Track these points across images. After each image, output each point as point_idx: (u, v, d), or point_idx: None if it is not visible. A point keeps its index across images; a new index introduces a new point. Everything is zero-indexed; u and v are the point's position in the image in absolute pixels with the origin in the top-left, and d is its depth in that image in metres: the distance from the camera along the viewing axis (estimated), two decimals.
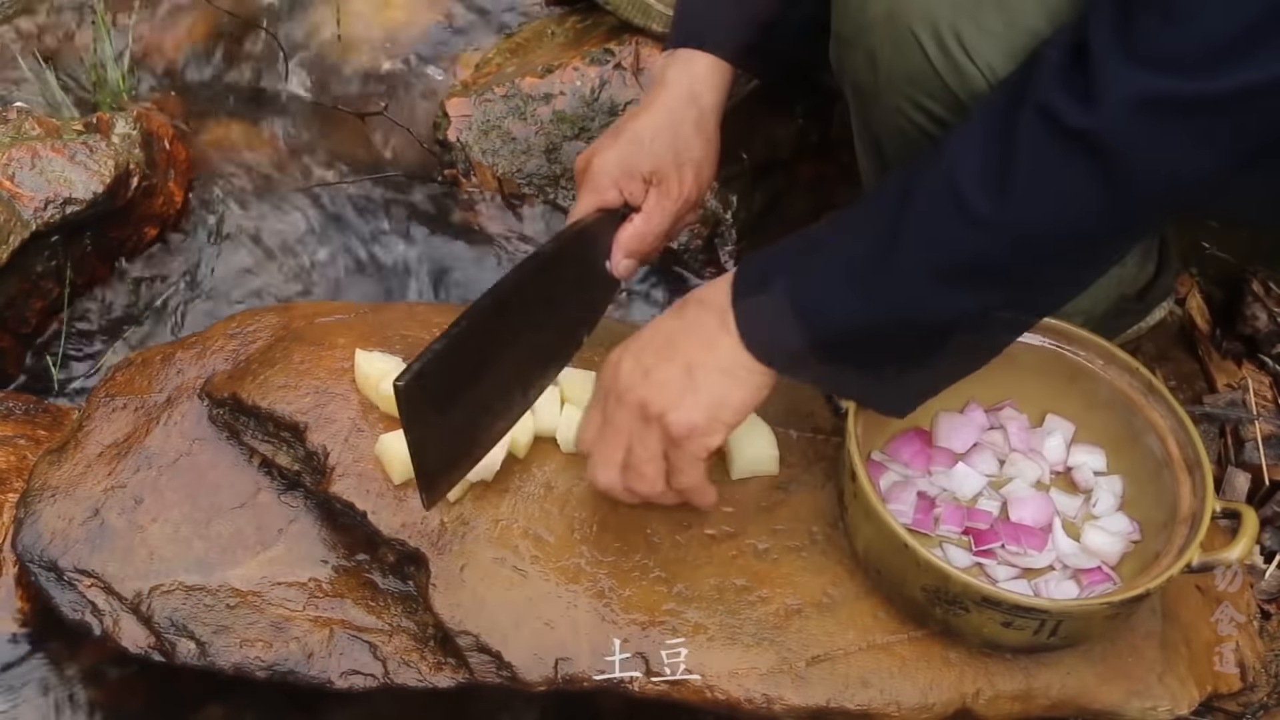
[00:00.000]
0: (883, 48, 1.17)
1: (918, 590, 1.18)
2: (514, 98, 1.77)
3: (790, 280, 1.10)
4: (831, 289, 1.08)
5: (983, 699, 1.21)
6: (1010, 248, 1.04)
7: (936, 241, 1.04)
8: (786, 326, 1.10)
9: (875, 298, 1.07)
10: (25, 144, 1.62)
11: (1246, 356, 1.68)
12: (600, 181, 1.31)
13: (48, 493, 1.34)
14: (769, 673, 1.20)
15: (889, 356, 1.12)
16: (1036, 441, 1.33)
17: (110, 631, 1.28)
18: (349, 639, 1.26)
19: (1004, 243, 1.04)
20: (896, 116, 1.20)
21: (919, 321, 1.08)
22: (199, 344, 1.46)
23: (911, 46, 1.14)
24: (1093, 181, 1.00)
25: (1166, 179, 1.01)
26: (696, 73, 1.34)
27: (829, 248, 1.10)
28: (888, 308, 1.07)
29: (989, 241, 1.03)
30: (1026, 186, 1.01)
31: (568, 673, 1.20)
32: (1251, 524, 1.18)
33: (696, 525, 1.28)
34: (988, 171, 1.02)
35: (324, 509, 1.32)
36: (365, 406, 1.33)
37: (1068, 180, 1.00)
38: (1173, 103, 0.96)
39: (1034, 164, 1.00)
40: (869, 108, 1.24)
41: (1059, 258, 1.07)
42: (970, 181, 1.02)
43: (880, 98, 1.20)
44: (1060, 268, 1.09)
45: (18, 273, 1.59)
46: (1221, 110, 0.97)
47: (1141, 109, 0.96)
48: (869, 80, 1.20)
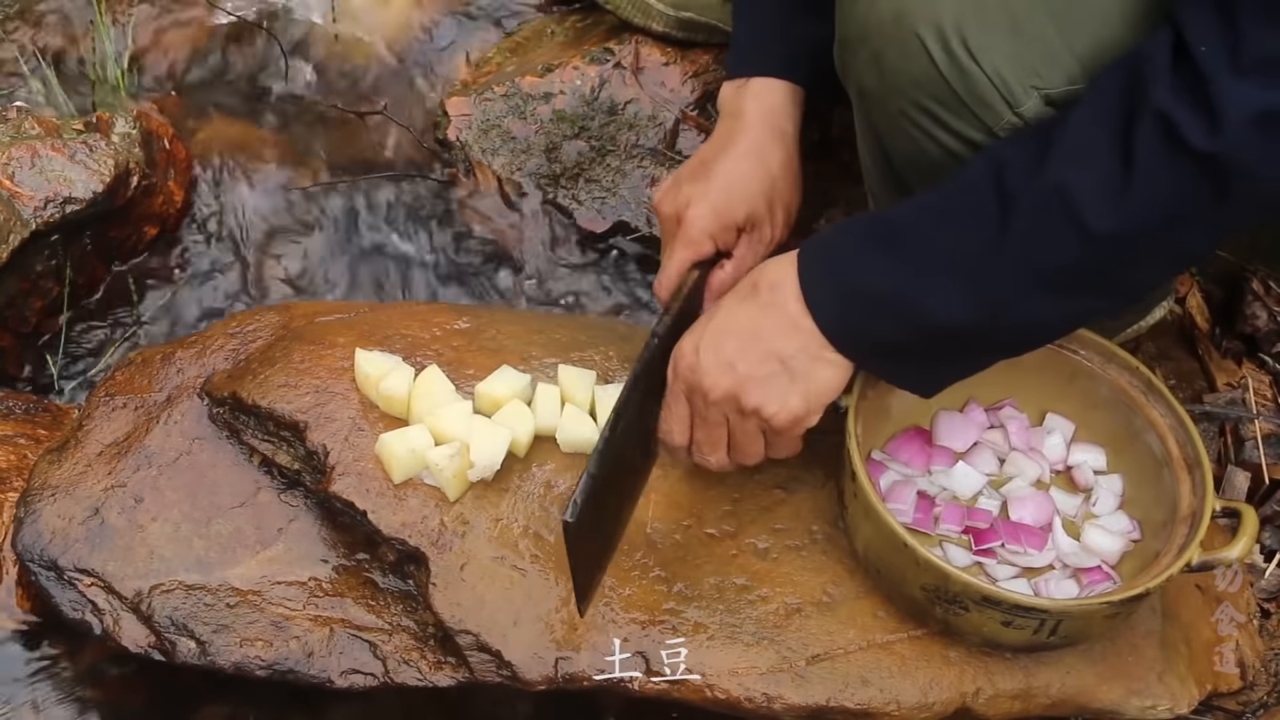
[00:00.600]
0: (888, 51, 1.16)
1: (918, 589, 1.18)
2: (514, 97, 1.77)
3: (877, 270, 1.09)
4: (935, 286, 1.07)
5: (983, 698, 1.21)
6: (1124, 259, 1.05)
7: (1047, 249, 1.04)
8: (879, 318, 1.10)
9: (980, 298, 1.07)
10: (25, 143, 1.61)
11: (1246, 355, 1.68)
12: (695, 236, 1.27)
13: (48, 492, 1.34)
14: (769, 671, 1.20)
15: (969, 351, 1.14)
16: (1036, 440, 1.33)
17: (110, 630, 1.28)
18: (349, 638, 1.26)
19: (1118, 254, 1.04)
20: (901, 120, 1.19)
21: (1017, 324, 1.09)
22: (199, 343, 1.46)
23: (917, 50, 1.14)
24: (1210, 198, 1.00)
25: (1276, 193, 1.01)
26: (775, 104, 1.33)
27: (924, 242, 1.09)
28: (992, 309, 1.07)
29: (1101, 252, 1.04)
30: (1148, 198, 1.01)
31: (568, 671, 1.20)
32: (1251, 523, 1.18)
33: (696, 524, 1.28)
34: (1106, 183, 1.01)
35: (324, 508, 1.32)
36: (365, 405, 1.33)
37: (1187, 196, 1.00)
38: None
39: (1154, 179, 1.00)
40: (874, 110, 1.24)
41: (1160, 265, 1.09)
42: (1088, 193, 1.02)
43: (885, 101, 1.20)
44: (1157, 273, 1.11)
45: (18, 272, 1.59)
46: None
47: (1262, 125, 0.96)
48: (874, 83, 1.20)
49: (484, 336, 1.42)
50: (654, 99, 1.76)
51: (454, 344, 1.40)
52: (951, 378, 1.18)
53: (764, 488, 1.31)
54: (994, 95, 1.12)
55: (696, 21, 1.74)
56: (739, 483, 1.31)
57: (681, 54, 1.78)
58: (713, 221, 1.27)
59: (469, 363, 1.37)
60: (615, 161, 1.77)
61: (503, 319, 1.46)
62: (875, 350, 1.13)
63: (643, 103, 1.77)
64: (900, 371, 1.17)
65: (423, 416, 1.30)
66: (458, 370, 1.36)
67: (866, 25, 1.17)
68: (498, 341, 1.41)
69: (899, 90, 1.17)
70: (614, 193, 1.78)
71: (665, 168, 1.77)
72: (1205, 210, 1.01)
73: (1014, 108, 1.12)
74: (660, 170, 1.77)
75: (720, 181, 1.29)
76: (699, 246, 1.28)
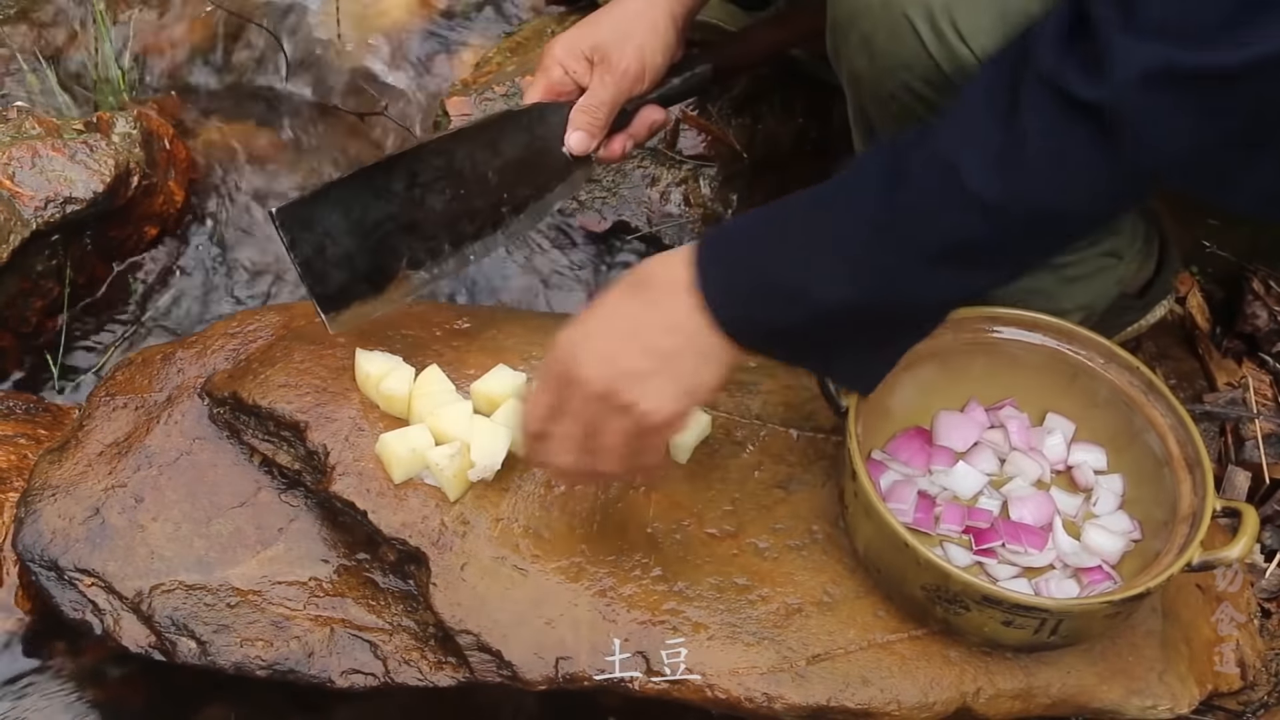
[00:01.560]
0: (878, 33, 1.17)
1: (918, 589, 1.18)
2: (514, 96, 1.77)
3: (769, 258, 1.08)
4: (821, 267, 1.06)
5: (983, 697, 1.21)
6: (1015, 228, 1.03)
7: (937, 225, 1.04)
8: (770, 305, 1.08)
9: (869, 279, 1.06)
10: (25, 143, 1.62)
11: (1247, 355, 1.68)
12: (545, 62, 1.36)
13: (48, 492, 1.34)
14: (769, 671, 1.20)
15: (875, 334, 1.12)
16: (1037, 440, 1.33)
17: (111, 630, 1.28)
18: (349, 638, 1.26)
19: (1009, 224, 1.03)
20: (892, 102, 1.20)
21: (913, 303, 1.08)
22: (199, 343, 1.46)
23: (906, 31, 1.15)
24: (1101, 156, 0.99)
25: (1171, 152, 1.00)
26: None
27: (813, 226, 1.09)
28: (883, 289, 1.06)
29: (995, 223, 1.03)
30: (1036, 163, 1.00)
31: (568, 671, 1.20)
32: (1252, 522, 1.18)
33: (696, 524, 1.28)
34: (993, 150, 1.01)
35: (324, 508, 1.32)
36: (365, 405, 1.33)
37: (1077, 155, 0.99)
38: (1182, 76, 0.95)
39: (1043, 139, 0.99)
40: (865, 94, 1.24)
41: (1058, 234, 1.07)
42: (975, 162, 1.01)
43: (876, 84, 1.20)
44: (1057, 243, 1.09)
45: (18, 272, 1.59)
46: (1229, 83, 0.96)
47: (1152, 81, 0.95)
48: (864, 66, 1.21)
49: (484, 336, 1.42)
50: None
51: (454, 344, 1.40)
52: (871, 363, 1.16)
53: (764, 487, 1.31)
54: None
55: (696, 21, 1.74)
56: (739, 482, 1.31)
57: None
58: (559, 48, 1.35)
59: (469, 363, 1.37)
60: None
61: (503, 319, 1.46)
62: (776, 339, 1.11)
63: None
64: (814, 360, 1.17)
65: (423, 416, 1.30)
66: (458, 370, 1.36)
67: (856, 8, 1.18)
68: (498, 342, 1.41)
69: (889, 73, 1.17)
70: (614, 193, 1.78)
71: (665, 168, 1.77)
72: (1103, 172, 1.00)
73: None
74: (661, 170, 1.77)
75: (579, 23, 1.38)
76: (549, 73, 1.35)
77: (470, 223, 1.36)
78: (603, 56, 1.34)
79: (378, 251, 1.31)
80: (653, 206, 1.76)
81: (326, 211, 1.27)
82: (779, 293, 1.08)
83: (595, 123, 1.36)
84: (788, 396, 1.37)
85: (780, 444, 1.34)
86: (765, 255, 1.09)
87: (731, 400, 1.37)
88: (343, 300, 1.30)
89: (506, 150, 1.35)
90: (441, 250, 1.35)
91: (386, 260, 1.32)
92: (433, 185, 1.32)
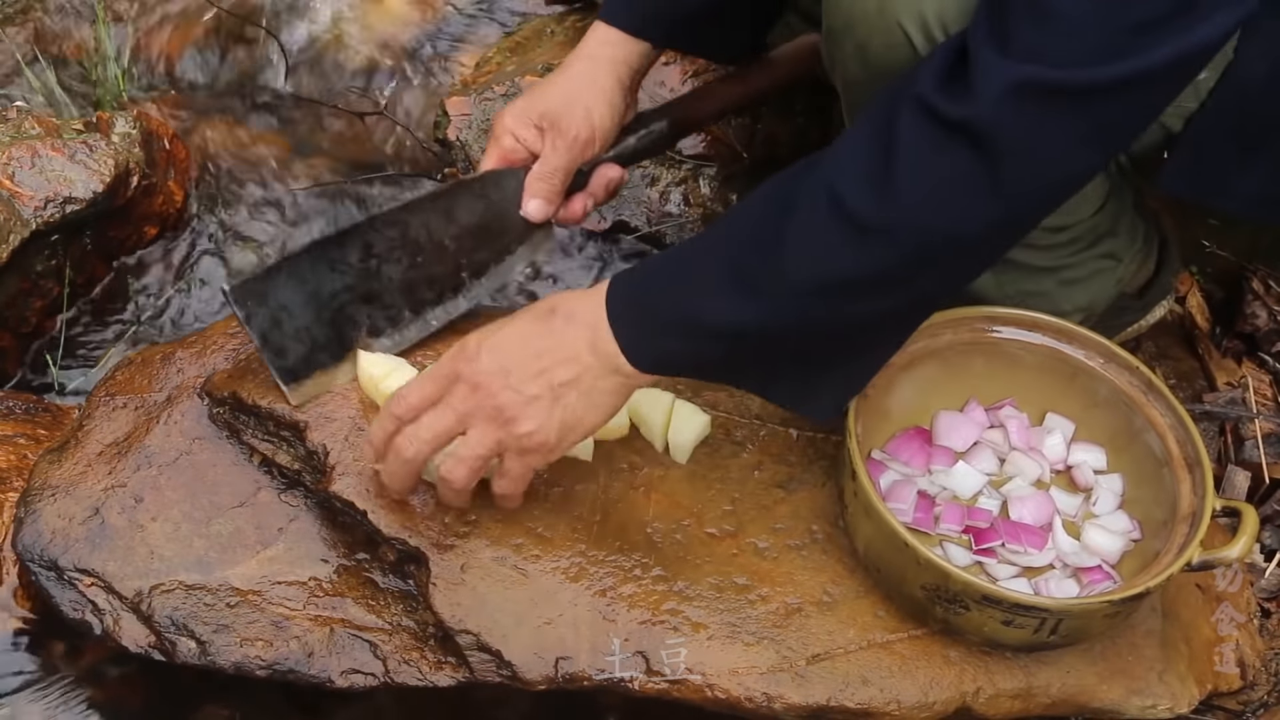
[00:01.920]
0: (872, 41, 1.18)
1: (918, 589, 1.18)
2: (514, 96, 1.77)
3: (672, 291, 1.11)
4: (718, 299, 1.08)
5: (983, 697, 1.21)
6: (895, 251, 1.04)
7: (820, 253, 1.05)
8: (674, 336, 1.11)
9: (766, 306, 1.07)
10: (25, 143, 1.61)
11: (1246, 354, 1.68)
12: (496, 131, 1.39)
13: (48, 492, 1.34)
14: (769, 671, 1.20)
15: (794, 361, 1.13)
16: (1036, 440, 1.33)
17: (110, 630, 1.28)
18: (349, 638, 1.26)
19: (886, 245, 1.03)
20: None
21: (819, 328, 1.09)
22: (199, 343, 1.46)
23: (900, 40, 1.15)
24: (974, 174, 1.00)
25: (1046, 172, 1.02)
26: (598, 38, 1.41)
27: (712, 256, 1.11)
28: (782, 315, 1.07)
29: (874, 247, 1.03)
30: (908, 182, 1.01)
31: (568, 671, 1.20)
32: (1251, 522, 1.18)
33: (696, 524, 1.28)
34: (867, 170, 1.03)
35: (324, 508, 1.32)
36: (365, 405, 1.33)
37: (950, 174, 1.01)
38: (1046, 90, 0.97)
39: (914, 158, 1.01)
40: (858, 100, 1.25)
41: (945, 258, 1.07)
42: (850, 183, 1.03)
43: (868, 90, 1.20)
44: (948, 267, 1.09)
45: (18, 272, 1.59)
46: (1095, 100, 0.98)
47: (1015, 97, 0.97)
48: (859, 73, 1.21)
49: None
50: (654, 99, 1.76)
51: (452, 343, 1.40)
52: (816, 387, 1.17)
53: (764, 487, 1.31)
54: None
55: None
56: (739, 482, 1.31)
57: (681, 54, 1.78)
58: (509, 118, 1.38)
59: None
60: None
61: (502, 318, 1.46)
62: (688, 369, 1.16)
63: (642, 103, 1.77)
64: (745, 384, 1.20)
65: None
66: None
67: (851, 16, 1.19)
68: None
69: (883, 80, 1.18)
70: None
71: (665, 167, 1.77)
72: (978, 190, 1.01)
73: None
74: (660, 170, 1.77)
75: (526, 92, 1.44)
76: (500, 141, 1.38)
77: (430, 289, 1.38)
78: (552, 123, 1.37)
79: (335, 322, 1.33)
80: (652, 206, 1.76)
81: (281, 286, 1.29)
82: (682, 324, 1.10)
83: (551, 189, 1.39)
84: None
85: (780, 444, 1.35)
86: (669, 288, 1.12)
87: (731, 400, 1.37)
88: (303, 371, 1.31)
89: (463, 217, 1.38)
90: (401, 318, 1.37)
91: (345, 330, 1.33)
92: (388, 256, 1.34)
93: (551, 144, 1.37)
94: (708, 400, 1.35)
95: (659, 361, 1.13)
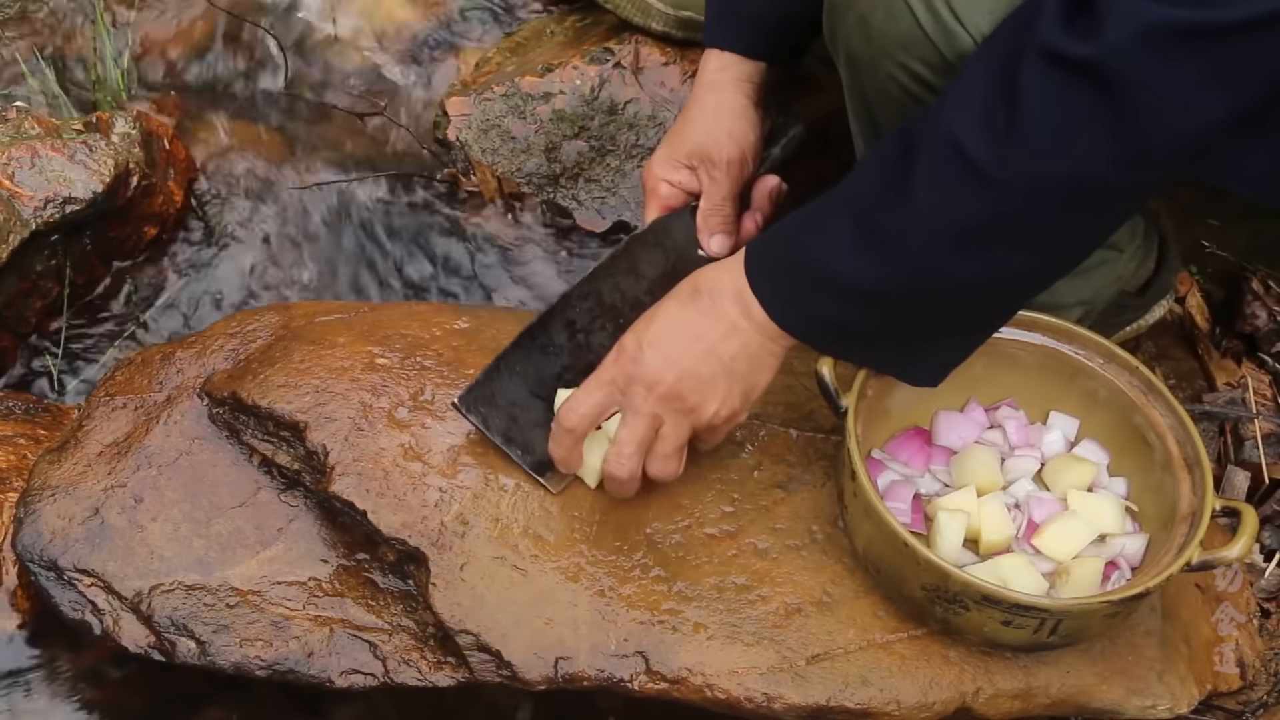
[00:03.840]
0: (874, 13, 1.18)
1: (917, 589, 1.18)
2: (513, 97, 1.77)
3: (807, 251, 1.12)
4: (852, 256, 1.08)
5: (982, 697, 1.21)
6: (1020, 200, 1.02)
7: (945, 203, 1.04)
8: (816, 299, 1.12)
9: (889, 263, 1.07)
10: (25, 143, 1.61)
11: (1246, 355, 1.68)
12: (649, 185, 1.42)
13: (48, 492, 1.34)
14: (769, 671, 1.20)
15: (915, 323, 1.13)
16: (1035, 438, 1.33)
17: (110, 631, 1.28)
18: (349, 638, 1.26)
19: (1013, 195, 1.02)
20: (889, 83, 1.20)
21: (937, 286, 1.08)
22: (199, 343, 1.46)
23: (902, 11, 1.15)
24: (1100, 117, 0.98)
25: (1176, 115, 0.98)
26: (713, 65, 1.45)
27: (840, 216, 1.11)
28: (903, 273, 1.07)
29: (998, 195, 1.02)
30: (1031, 128, 0.99)
31: (567, 671, 1.20)
32: (1251, 522, 1.18)
33: (696, 524, 1.28)
34: (989, 120, 1.01)
35: (324, 508, 1.32)
36: (365, 405, 1.33)
37: (1074, 117, 0.98)
38: (1178, 32, 0.95)
39: (1037, 103, 0.99)
40: (862, 75, 1.24)
41: (1071, 206, 1.04)
42: (972, 133, 1.01)
43: (873, 65, 1.21)
44: (1073, 218, 1.06)
45: (17, 272, 1.59)
46: (1229, 41, 0.95)
47: (1147, 38, 0.95)
48: (861, 47, 1.21)
49: (484, 336, 1.42)
50: (654, 99, 1.77)
51: (454, 344, 1.40)
52: (942, 361, 1.17)
53: (764, 487, 1.31)
54: None
55: (696, 21, 1.74)
56: (739, 482, 1.31)
57: (681, 53, 1.78)
58: (658, 166, 1.42)
59: (469, 363, 1.37)
60: (615, 161, 1.78)
61: (503, 319, 1.46)
62: (828, 332, 1.15)
63: (643, 102, 1.77)
64: (868, 354, 1.20)
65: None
66: (458, 370, 1.36)
67: None
68: (498, 341, 1.40)
69: (885, 53, 1.18)
70: (614, 192, 1.78)
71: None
72: (1104, 134, 0.99)
73: None
74: None
75: (667, 137, 1.45)
76: (656, 191, 1.41)
77: None
78: (702, 158, 1.40)
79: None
80: None
81: (504, 385, 1.29)
82: (822, 285, 1.11)
83: (726, 221, 1.42)
84: (788, 396, 1.37)
85: (780, 444, 1.35)
86: (803, 249, 1.12)
87: None
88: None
89: (647, 271, 1.39)
90: None
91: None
92: (592, 326, 1.35)
93: (709, 177, 1.40)
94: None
95: (802, 323, 1.14)
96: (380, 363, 1.37)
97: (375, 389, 1.34)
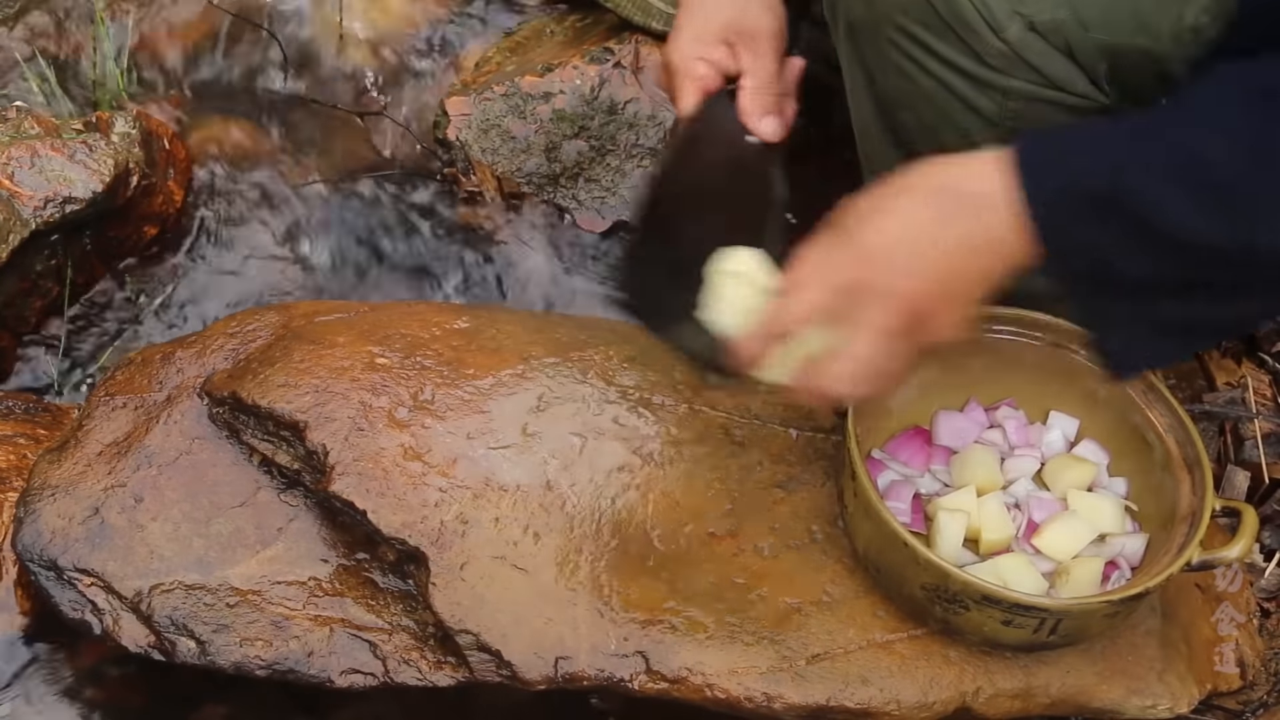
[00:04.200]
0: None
1: (917, 588, 1.18)
2: (513, 96, 1.77)
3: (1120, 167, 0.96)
4: (1176, 194, 0.94)
5: (982, 697, 1.21)
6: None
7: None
8: (1107, 227, 0.97)
9: (1236, 218, 0.94)
10: (25, 142, 1.61)
11: (1246, 354, 1.68)
12: (681, 66, 1.25)
13: (47, 491, 1.34)
14: (769, 671, 1.20)
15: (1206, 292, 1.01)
16: (1035, 438, 1.33)
17: (110, 630, 1.28)
18: (349, 637, 1.26)
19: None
20: (890, 49, 1.19)
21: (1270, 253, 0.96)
22: (199, 343, 1.46)
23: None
24: None
25: None
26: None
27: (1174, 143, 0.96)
28: (1247, 233, 0.95)
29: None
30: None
31: (567, 671, 1.20)
32: (1251, 522, 1.18)
33: (696, 524, 1.28)
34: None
35: (324, 507, 1.32)
36: (365, 405, 1.33)
37: None
38: None
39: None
40: (863, 43, 1.24)
41: None
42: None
43: (873, 30, 1.20)
44: None
45: (17, 272, 1.59)
46: None
47: None
48: (862, 13, 1.20)
49: (484, 336, 1.42)
50: (654, 98, 1.76)
51: (454, 344, 1.40)
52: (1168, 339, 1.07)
53: (764, 487, 1.31)
54: (977, 19, 1.12)
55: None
56: (739, 482, 1.31)
57: None
58: (689, 46, 1.25)
59: (469, 362, 1.37)
60: (615, 161, 1.78)
61: (502, 318, 1.46)
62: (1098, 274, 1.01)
63: (643, 102, 1.77)
64: (1111, 311, 1.05)
65: None
66: (458, 370, 1.36)
67: None
68: (497, 341, 1.41)
69: (886, 17, 1.17)
70: (614, 192, 1.78)
71: None
72: None
73: (998, 33, 1.12)
74: None
75: (686, 12, 1.27)
76: (690, 72, 1.24)
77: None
78: (739, 32, 1.24)
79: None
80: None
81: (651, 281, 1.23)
82: (1121, 215, 0.96)
83: (776, 101, 1.26)
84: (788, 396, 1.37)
85: (780, 444, 1.35)
86: (1113, 163, 0.96)
87: (731, 400, 1.37)
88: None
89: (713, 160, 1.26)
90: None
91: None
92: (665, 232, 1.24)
93: (751, 52, 1.24)
94: (707, 400, 1.35)
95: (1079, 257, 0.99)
96: (380, 362, 1.37)
97: (375, 389, 1.34)
